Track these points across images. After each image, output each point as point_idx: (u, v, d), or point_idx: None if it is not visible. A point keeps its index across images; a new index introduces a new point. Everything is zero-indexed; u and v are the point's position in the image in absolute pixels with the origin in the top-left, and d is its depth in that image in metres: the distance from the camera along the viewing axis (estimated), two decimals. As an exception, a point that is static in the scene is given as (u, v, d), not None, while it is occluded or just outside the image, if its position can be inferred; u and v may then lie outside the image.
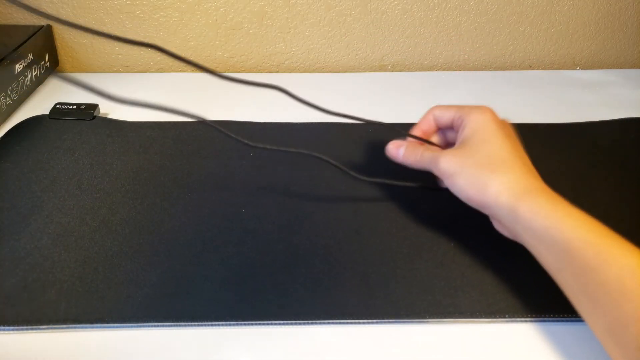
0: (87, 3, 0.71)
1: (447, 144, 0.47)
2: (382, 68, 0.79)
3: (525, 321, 0.37)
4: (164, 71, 0.76)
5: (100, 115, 0.61)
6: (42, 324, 0.36)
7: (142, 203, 0.47)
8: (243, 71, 0.78)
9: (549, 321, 0.37)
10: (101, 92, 0.33)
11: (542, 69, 0.81)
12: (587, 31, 0.79)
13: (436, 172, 0.42)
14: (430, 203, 0.48)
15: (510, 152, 0.39)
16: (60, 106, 0.61)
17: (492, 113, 0.42)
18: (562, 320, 0.37)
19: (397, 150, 0.45)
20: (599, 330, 0.32)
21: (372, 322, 0.37)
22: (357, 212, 0.47)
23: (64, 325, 0.36)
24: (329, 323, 0.37)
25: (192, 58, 0.76)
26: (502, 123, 0.42)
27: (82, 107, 0.61)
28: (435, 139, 0.47)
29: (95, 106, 0.61)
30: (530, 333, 0.36)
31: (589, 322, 0.33)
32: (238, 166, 0.52)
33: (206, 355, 0.35)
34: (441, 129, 0.47)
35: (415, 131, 0.47)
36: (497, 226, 0.40)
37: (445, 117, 0.44)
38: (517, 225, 0.36)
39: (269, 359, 0.34)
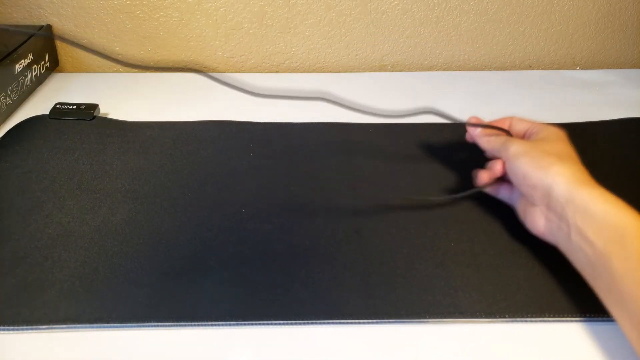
0: (87, 3, 0.71)
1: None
2: (382, 68, 0.79)
3: (525, 321, 0.37)
4: (164, 71, 0.76)
5: (100, 115, 0.61)
6: (42, 324, 0.36)
7: (142, 203, 0.47)
8: (243, 71, 0.78)
9: (549, 321, 0.37)
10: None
11: (542, 69, 0.81)
12: (587, 31, 0.79)
13: (504, 153, 0.44)
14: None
15: (576, 157, 0.42)
16: (60, 106, 0.61)
17: (566, 133, 0.45)
18: (562, 321, 0.37)
19: (475, 128, 0.49)
20: (635, 320, 0.32)
21: (372, 322, 0.37)
22: (357, 212, 0.47)
23: (64, 325, 0.36)
24: (329, 323, 0.37)
25: (191, 58, 0.76)
26: (571, 145, 0.44)
27: (82, 107, 0.61)
28: None
29: (95, 106, 0.61)
30: (530, 333, 0.36)
31: (621, 312, 0.33)
32: (238, 166, 0.52)
33: (206, 355, 0.35)
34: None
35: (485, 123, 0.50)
36: (532, 218, 0.41)
37: (522, 125, 0.48)
38: (569, 206, 0.37)
39: (269, 359, 0.34)
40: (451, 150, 0.56)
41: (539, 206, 0.40)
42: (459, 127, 0.60)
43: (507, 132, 0.49)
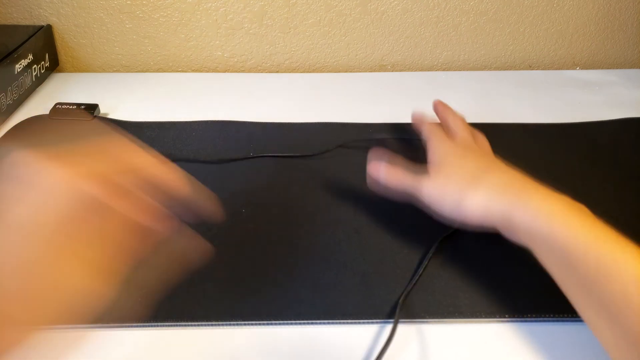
0: (87, 3, 0.71)
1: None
2: (382, 68, 0.79)
3: (525, 321, 0.37)
4: (164, 71, 0.76)
5: (100, 115, 0.61)
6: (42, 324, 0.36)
7: (142, 203, 0.47)
8: (243, 71, 0.78)
9: (549, 321, 0.37)
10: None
11: (542, 69, 0.81)
12: (587, 31, 0.79)
13: (422, 200, 0.41)
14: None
15: (477, 172, 0.40)
16: (60, 106, 0.61)
17: (450, 142, 0.44)
18: (562, 321, 0.37)
19: (377, 172, 0.44)
20: (605, 341, 0.31)
21: (372, 322, 0.37)
22: (357, 212, 0.47)
23: (64, 325, 0.36)
24: (329, 323, 0.37)
25: (192, 58, 0.76)
26: (463, 145, 0.43)
27: (82, 107, 0.61)
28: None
29: (95, 106, 0.61)
30: (530, 333, 0.36)
31: (594, 332, 0.32)
32: (238, 166, 0.52)
33: (206, 355, 0.35)
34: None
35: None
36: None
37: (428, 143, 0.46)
38: (517, 234, 0.36)
39: (269, 359, 0.34)
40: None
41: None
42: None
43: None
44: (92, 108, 0.61)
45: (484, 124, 0.61)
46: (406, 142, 0.58)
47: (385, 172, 0.43)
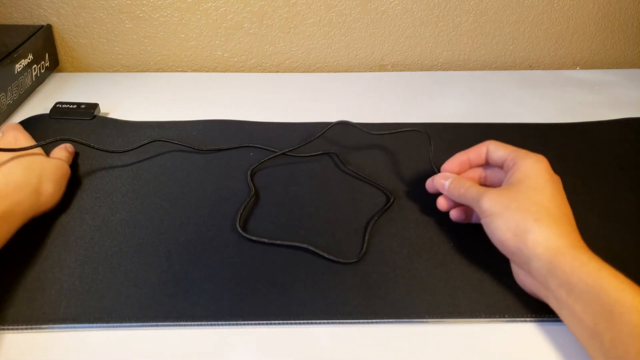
0: (87, 3, 0.71)
1: (484, 182, 0.46)
2: (382, 68, 0.79)
3: (525, 321, 0.37)
4: (164, 71, 0.76)
5: (100, 114, 0.61)
6: (42, 324, 0.36)
7: (142, 203, 0.47)
8: (243, 71, 0.78)
9: (549, 321, 0.37)
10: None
11: (542, 69, 0.81)
12: (587, 31, 0.79)
13: (477, 209, 0.40)
14: (430, 203, 0.48)
15: (558, 206, 0.37)
16: (60, 105, 0.61)
17: (547, 163, 0.40)
18: (562, 321, 0.37)
19: (444, 182, 0.44)
20: None
21: (372, 322, 0.37)
22: (357, 212, 0.47)
23: (64, 325, 0.36)
24: (329, 323, 0.37)
25: (192, 58, 0.76)
26: (554, 176, 0.40)
27: (83, 106, 0.61)
28: (475, 172, 0.46)
29: (95, 105, 0.61)
30: (530, 333, 0.36)
31: None
32: (238, 166, 0.52)
33: (206, 355, 0.35)
34: (486, 165, 0.46)
35: (462, 157, 0.46)
36: (519, 277, 0.38)
37: (499, 153, 0.43)
38: (552, 279, 0.34)
39: (269, 359, 0.34)
40: (451, 150, 0.56)
41: (522, 270, 0.38)
42: (459, 128, 0.61)
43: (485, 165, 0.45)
44: (92, 107, 0.61)
45: (484, 124, 0.62)
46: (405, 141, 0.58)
47: (449, 183, 0.44)
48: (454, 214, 0.45)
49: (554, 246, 0.35)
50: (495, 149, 0.44)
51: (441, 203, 0.45)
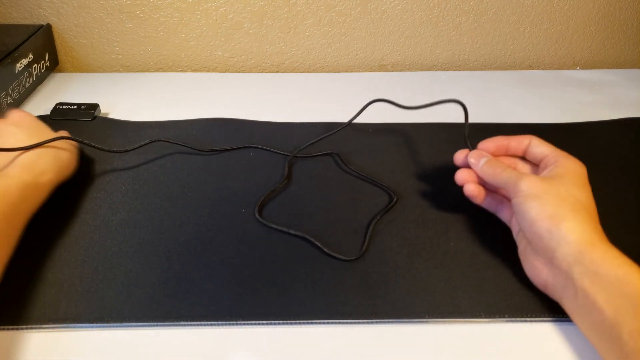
0: (87, 2, 0.71)
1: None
2: (382, 68, 0.79)
3: (525, 321, 0.37)
4: (164, 71, 0.76)
5: (100, 115, 0.61)
6: (41, 323, 0.36)
7: (142, 203, 0.47)
8: (243, 71, 0.78)
9: (548, 321, 0.37)
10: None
11: (542, 69, 0.81)
12: (587, 31, 0.79)
13: (512, 189, 0.40)
14: (430, 203, 0.48)
15: (593, 207, 0.39)
16: (61, 106, 0.61)
17: (586, 170, 0.41)
18: (562, 321, 0.37)
19: (479, 159, 0.44)
20: None
21: (372, 322, 0.37)
22: (357, 211, 0.47)
23: (64, 325, 0.36)
24: (329, 323, 0.37)
25: (192, 58, 0.76)
26: (589, 184, 0.41)
27: (83, 107, 0.61)
28: (508, 161, 0.46)
29: (95, 106, 0.61)
30: (530, 333, 0.36)
31: None
32: (238, 166, 0.52)
33: (206, 355, 0.35)
34: (520, 157, 0.46)
35: (502, 140, 0.46)
36: (532, 265, 0.38)
37: (541, 149, 0.44)
38: (578, 267, 0.34)
39: (269, 359, 0.34)
40: (451, 150, 0.56)
41: (541, 257, 0.37)
42: (459, 128, 0.60)
43: (522, 158, 0.46)
44: (92, 108, 0.61)
45: (484, 124, 0.62)
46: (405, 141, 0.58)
47: (485, 161, 0.44)
48: (470, 189, 0.44)
49: (587, 236, 0.35)
50: (539, 144, 0.44)
51: (462, 176, 0.45)
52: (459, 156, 0.47)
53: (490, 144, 0.46)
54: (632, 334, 0.30)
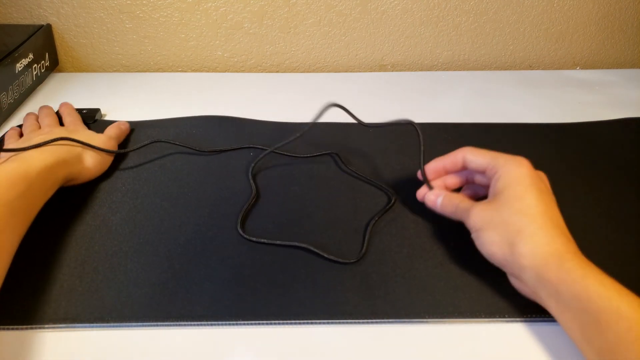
0: (87, 2, 0.71)
1: (474, 192, 0.46)
2: (382, 68, 0.79)
3: (525, 321, 0.37)
4: (164, 71, 0.76)
5: (101, 119, 0.61)
6: (42, 323, 0.36)
7: (142, 203, 0.47)
8: (243, 71, 0.78)
9: (548, 321, 0.37)
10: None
11: (542, 69, 0.81)
12: (587, 31, 0.79)
13: (467, 225, 0.40)
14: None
15: (542, 210, 0.36)
16: (61, 109, 0.61)
17: (528, 166, 0.39)
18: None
19: (436, 199, 0.44)
20: None
21: (372, 322, 0.37)
22: (357, 212, 0.47)
23: (64, 325, 0.36)
24: (329, 323, 0.37)
25: (192, 58, 0.76)
26: (538, 177, 0.39)
27: (84, 111, 0.61)
28: (453, 179, 0.45)
29: (96, 111, 0.61)
30: (530, 333, 0.36)
31: None
32: (238, 165, 0.52)
33: (206, 355, 0.35)
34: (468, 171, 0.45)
35: (437, 164, 0.45)
36: (515, 284, 0.38)
37: (478, 162, 0.42)
38: (542, 290, 0.34)
39: (269, 359, 0.34)
40: (451, 150, 0.56)
41: (516, 279, 0.38)
42: (459, 128, 0.61)
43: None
44: (93, 112, 0.61)
45: (484, 124, 0.62)
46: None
47: (441, 199, 0.43)
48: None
49: (539, 256, 0.35)
50: (473, 158, 0.42)
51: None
52: (419, 195, 0.46)
53: (428, 170, 0.45)
54: (602, 351, 0.30)
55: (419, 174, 0.46)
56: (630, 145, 0.58)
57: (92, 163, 0.49)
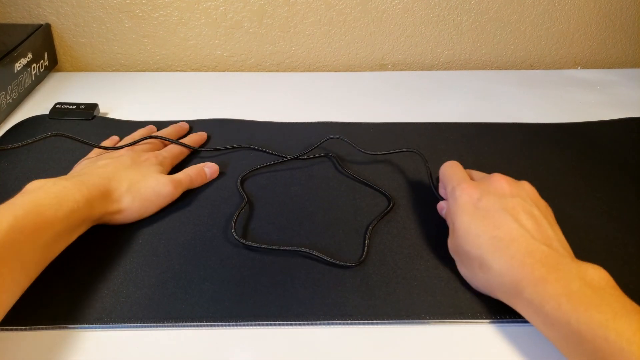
0: (86, 2, 0.71)
1: None
2: (382, 67, 0.79)
3: (526, 322, 0.37)
4: (163, 70, 0.76)
5: (99, 115, 0.61)
6: (42, 324, 0.36)
7: (142, 203, 0.47)
8: (243, 70, 0.77)
9: (549, 322, 0.37)
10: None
11: (543, 69, 0.81)
12: (588, 31, 0.79)
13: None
14: (430, 204, 0.48)
15: (488, 240, 0.36)
16: (60, 106, 0.61)
17: (468, 195, 0.39)
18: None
19: (442, 211, 0.46)
20: None
21: (372, 323, 0.37)
22: (357, 212, 0.47)
23: (64, 325, 0.36)
24: (329, 323, 0.37)
25: (191, 57, 0.76)
26: (479, 200, 0.39)
27: (82, 106, 0.61)
28: None
29: (95, 106, 0.61)
30: (530, 334, 0.36)
31: None
32: (238, 165, 0.52)
33: (206, 355, 0.34)
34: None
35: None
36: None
37: (442, 183, 0.45)
38: (516, 305, 0.35)
39: (269, 359, 0.34)
40: (452, 150, 0.56)
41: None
42: (460, 127, 0.61)
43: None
44: (91, 108, 0.61)
45: (484, 124, 0.61)
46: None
47: (445, 213, 0.45)
48: None
49: (504, 287, 0.36)
50: (440, 177, 0.46)
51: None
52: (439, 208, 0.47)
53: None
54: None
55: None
56: (631, 145, 0.58)
57: (127, 204, 0.43)
